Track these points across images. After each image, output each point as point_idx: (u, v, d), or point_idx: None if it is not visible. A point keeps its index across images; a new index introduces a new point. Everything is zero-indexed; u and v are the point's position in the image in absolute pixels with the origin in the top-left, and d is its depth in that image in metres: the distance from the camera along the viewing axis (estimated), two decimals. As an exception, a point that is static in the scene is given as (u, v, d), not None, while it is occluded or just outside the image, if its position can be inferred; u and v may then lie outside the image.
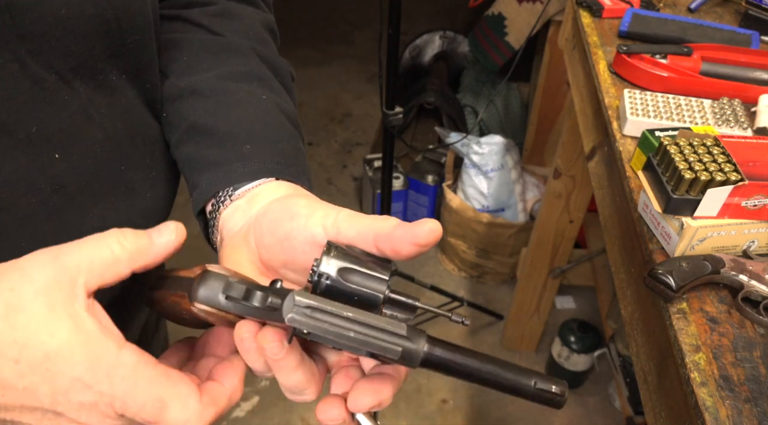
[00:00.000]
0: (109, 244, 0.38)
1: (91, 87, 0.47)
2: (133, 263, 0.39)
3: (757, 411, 0.55)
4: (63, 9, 0.43)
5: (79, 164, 0.47)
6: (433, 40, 2.69)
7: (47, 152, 0.45)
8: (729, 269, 0.65)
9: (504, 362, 0.40)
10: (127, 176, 0.52)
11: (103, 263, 0.37)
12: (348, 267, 0.39)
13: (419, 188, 2.20)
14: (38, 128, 0.44)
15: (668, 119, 0.85)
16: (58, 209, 0.47)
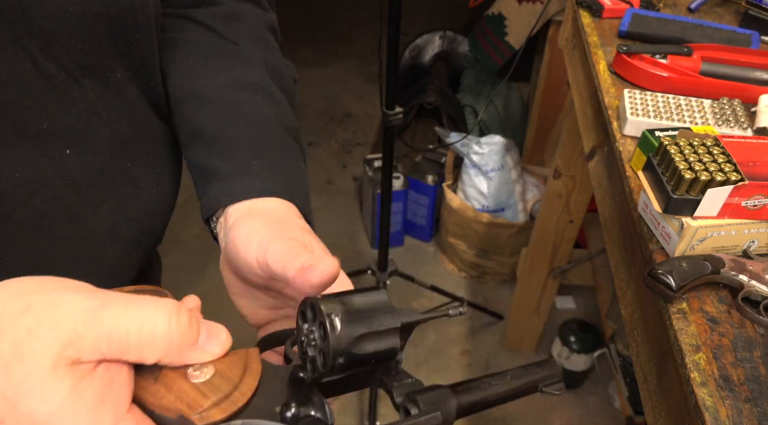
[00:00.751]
0: (157, 321, 0.31)
1: (98, 84, 0.48)
2: (164, 356, 0.32)
3: (757, 411, 0.55)
4: (71, 6, 0.43)
5: (89, 160, 0.48)
6: (433, 40, 2.69)
7: (58, 148, 0.46)
8: (729, 269, 0.65)
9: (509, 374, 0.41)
10: (133, 172, 0.52)
11: (137, 341, 0.31)
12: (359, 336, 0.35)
13: (419, 188, 2.20)
14: (49, 124, 0.45)
15: (668, 119, 0.85)
16: (71, 205, 0.47)
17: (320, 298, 0.36)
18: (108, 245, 0.51)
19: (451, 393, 0.38)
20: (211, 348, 0.34)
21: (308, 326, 0.36)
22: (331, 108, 3.00)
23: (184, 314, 0.33)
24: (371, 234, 2.29)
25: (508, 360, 1.97)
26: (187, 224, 2.29)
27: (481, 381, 0.40)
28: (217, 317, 0.40)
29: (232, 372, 0.34)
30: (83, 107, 0.47)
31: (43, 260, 0.47)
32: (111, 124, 0.49)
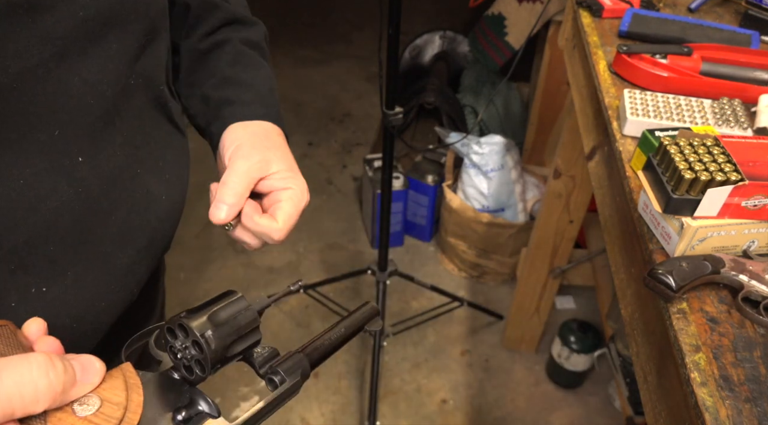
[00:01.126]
0: (36, 379, 0.32)
1: (115, 91, 0.48)
2: (52, 403, 0.33)
3: (757, 411, 0.55)
4: (80, 11, 0.43)
5: (101, 167, 0.48)
6: (433, 40, 2.69)
7: (70, 156, 0.45)
8: (729, 269, 0.65)
9: (341, 325, 0.50)
10: (144, 179, 0.53)
11: (21, 402, 0.32)
12: (230, 343, 0.40)
13: (419, 188, 2.20)
14: (60, 131, 0.44)
15: (668, 119, 0.85)
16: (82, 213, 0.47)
17: (188, 317, 0.40)
18: (119, 253, 0.51)
19: (302, 355, 0.45)
20: (89, 379, 0.36)
21: (181, 342, 0.40)
22: (331, 108, 3.00)
23: (58, 361, 0.34)
24: (371, 234, 2.29)
25: (508, 360, 1.97)
26: (188, 224, 2.30)
27: (321, 337, 0.48)
28: (217, 317, 0.41)
29: (116, 394, 0.36)
30: (98, 114, 0.47)
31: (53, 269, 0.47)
32: (123, 131, 0.49)
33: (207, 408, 0.40)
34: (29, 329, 0.38)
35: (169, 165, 0.56)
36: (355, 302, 2.10)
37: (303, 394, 1.83)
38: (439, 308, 1.98)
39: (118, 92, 0.48)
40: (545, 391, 1.89)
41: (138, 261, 0.54)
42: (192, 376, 0.40)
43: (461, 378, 1.91)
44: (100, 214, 0.49)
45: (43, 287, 0.47)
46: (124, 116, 0.49)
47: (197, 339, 0.39)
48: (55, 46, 0.42)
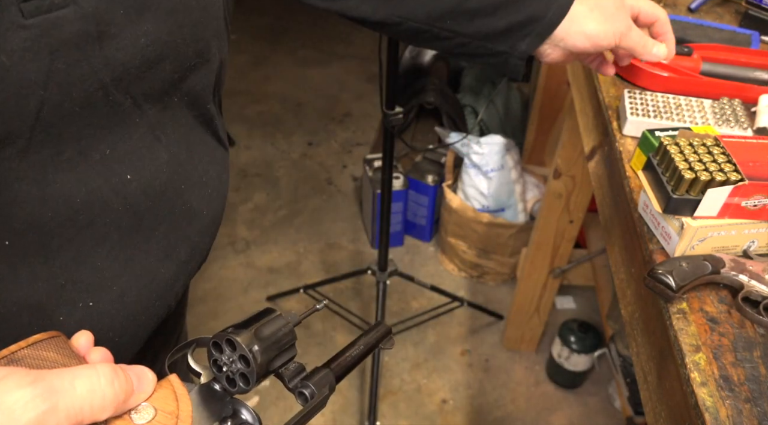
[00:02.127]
0: (104, 388, 0.35)
1: (158, 109, 0.49)
2: (115, 411, 0.36)
3: (757, 411, 0.55)
4: (142, 38, 0.44)
5: (148, 184, 0.49)
6: (433, 40, 2.69)
7: (120, 173, 0.47)
8: (729, 269, 0.65)
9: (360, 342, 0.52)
10: (187, 195, 0.54)
11: (90, 411, 0.34)
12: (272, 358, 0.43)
13: (419, 188, 2.20)
14: (111, 150, 0.46)
15: (668, 119, 0.85)
16: (129, 228, 0.49)
17: (235, 332, 0.42)
18: (161, 267, 0.53)
19: (328, 370, 0.47)
20: (144, 389, 0.38)
21: (228, 356, 0.42)
22: (331, 108, 3.00)
23: (120, 373, 0.36)
24: (371, 234, 2.29)
25: (508, 360, 1.97)
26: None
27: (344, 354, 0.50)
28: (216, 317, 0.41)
29: (168, 404, 0.39)
30: (144, 132, 0.48)
31: (99, 283, 0.49)
32: (169, 148, 0.51)
33: (250, 418, 0.42)
34: (78, 341, 0.40)
35: (211, 180, 0.57)
36: (355, 302, 2.10)
37: (303, 394, 1.83)
38: (439, 308, 1.98)
39: (160, 110, 0.49)
40: (545, 391, 1.89)
41: (178, 275, 0.55)
42: (234, 388, 0.43)
43: (461, 378, 1.91)
44: (145, 230, 0.50)
45: (90, 301, 0.48)
46: (169, 133, 0.50)
47: (245, 354, 0.41)
48: (116, 71, 0.44)
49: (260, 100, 2.99)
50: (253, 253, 2.26)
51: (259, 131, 2.80)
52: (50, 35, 0.39)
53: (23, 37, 0.38)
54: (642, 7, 0.77)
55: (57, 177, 0.43)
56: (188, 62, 0.50)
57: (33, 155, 0.41)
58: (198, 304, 2.02)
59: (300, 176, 2.59)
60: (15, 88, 0.39)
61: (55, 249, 0.45)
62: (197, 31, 0.49)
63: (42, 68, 0.39)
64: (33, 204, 0.43)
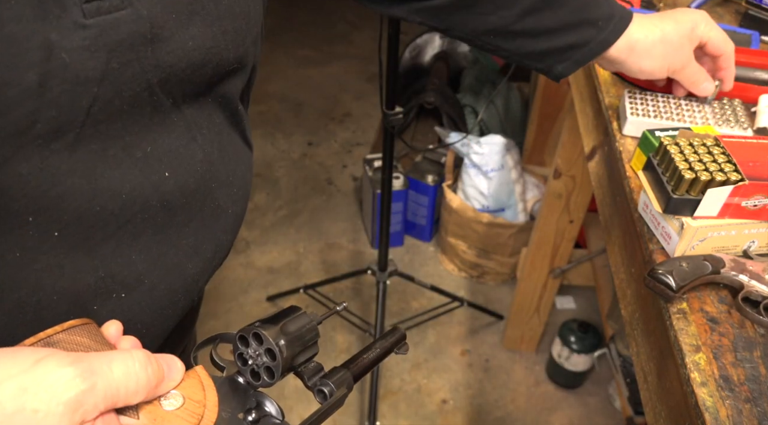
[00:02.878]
0: (138, 373, 0.37)
1: (194, 109, 0.51)
2: (146, 396, 0.38)
3: (757, 411, 0.55)
4: (190, 42, 0.46)
5: (184, 182, 0.51)
6: (433, 40, 2.69)
7: (158, 171, 0.48)
8: (729, 269, 0.65)
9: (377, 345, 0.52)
10: (216, 193, 0.55)
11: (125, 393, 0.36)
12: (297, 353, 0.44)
13: (419, 188, 2.20)
14: (152, 147, 0.47)
15: (668, 119, 0.85)
16: (163, 225, 0.50)
17: (263, 327, 0.43)
18: (189, 263, 0.54)
19: (346, 370, 0.49)
20: (174, 376, 0.41)
21: (254, 350, 0.44)
22: (331, 108, 3.00)
23: (153, 360, 0.39)
24: (371, 234, 2.29)
25: (508, 360, 1.97)
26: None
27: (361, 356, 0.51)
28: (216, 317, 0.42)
29: (196, 392, 0.41)
30: (182, 131, 0.50)
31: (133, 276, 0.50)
32: (204, 147, 0.52)
33: (273, 411, 0.44)
34: (108, 330, 0.42)
35: (237, 180, 0.58)
36: (355, 302, 2.10)
37: (303, 394, 1.83)
38: (439, 308, 1.98)
39: (196, 110, 0.51)
40: (545, 391, 1.89)
41: (203, 271, 0.57)
42: (258, 381, 0.44)
43: (461, 378, 1.91)
44: (177, 226, 0.52)
45: (123, 293, 0.50)
46: (204, 132, 0.52)
47: (272, 347, 0.42)
48: (164, 73, 0.45)
49: (260, 100, 2.99)
50: (253, 253, 2.26)
51: (259, 131, 2.80)
52: (108, 35, 0.41)
53: (83, 36, 0.40)
54: (711, 38, 0.79)
55: (104, 173, 0.45)
56: (228, 67, 0.52)
57: (81, 149, 0.43)
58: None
59: (300, 176, 2.59)
60: (71, 85, 0.40)
61: (98, 242, 0.47)
62: (239, 37, 0.51)
63: (98, 67, 0.41)
64: (83, 198, 0.44)
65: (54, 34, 0.38)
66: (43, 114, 0.40)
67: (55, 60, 0.39)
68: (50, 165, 0.42)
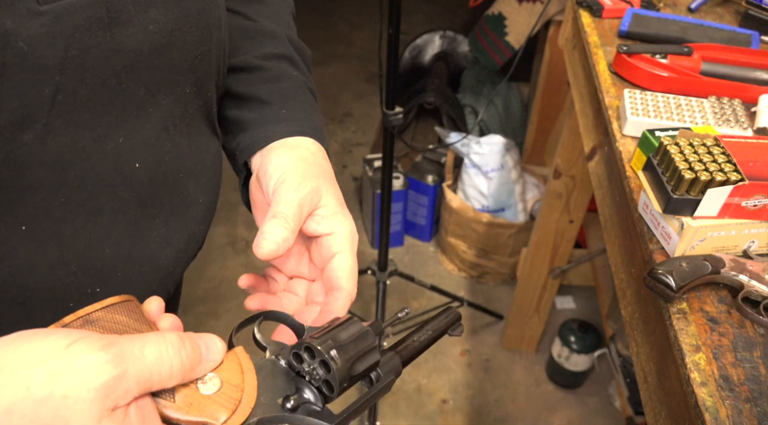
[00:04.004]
0: (171, 357, 0.36)
1: (170, 100, 0.50)
2: (182, 380, 0.37)
3: (757, 411, 0.55)
4: (151, 25, 0.45)
5: (153, 173, 0.50)
6: (433, 40, 2.69)
7: (129, 162, 0.48)
8: (729, 269, 0.65)
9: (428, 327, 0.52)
10: (185, 183, 0.54)
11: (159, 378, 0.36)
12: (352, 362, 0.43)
13: (419, 188, 2.20)
14: (125, 138, 0.47)
15: (668, 118, 0.85)
16: (135, 217, 0.50)
17: (312, 339, 0.42)
18: (161, 254, 0.54)
19: (395, 353, 0.47)
20: (213, 357, 0.39)
21: (308, 364, 0.42)
22: (331, 108, 3.00)
23: (188, 342, 0.37)
24: (371, 234, 2.29)
25: (508, 360, 1.97)
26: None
27: (412, 338, 0.50)
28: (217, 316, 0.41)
29: (234, 376, 0.39)
30: (156, 122, 0.49)
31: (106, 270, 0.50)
32: (174, 138, 0.52)
33: (312, 398, 0.42)
34: (150, 306, 0.42)
35: (206, 169, 0.58)
36: (355, 301, 2.09)
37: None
38: (439, 308, 1.98)
39: (173, 101, 0.50)
40: (545, 391, 1.89)
41: (177, 262, 0.56)
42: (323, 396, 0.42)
43: (461, 378, 1.91)
44: (148, 218, 0.51)
45: (97, 287, 0.49)
46: (176, 123, 0.52)
47: (324, 359, 0.41)
48: (127, 58, 0.45)
49: (260, 100, 2.99)
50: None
51: (259, 131, 2.80)
52: (64, 21, 0.40)
53: (39, 23, 0.39)
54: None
55: (74, 164, 0.44)
56: (194, 51, 0.51)
57: (51, 141, 0.42)
58: (198, 304, 2.02)
59: (300, 176, 2.59)
60: (31, 73, 0.40)
61: (68, 236, 0.46)
62: (201, 19, 0.50)
63: (57, 54, 0.40)
64: (47, 190, 0.44)
65: (9, 21, 0.38)
66: (5, 104, 0.39)
67: (11, 48, 0.38)
68: (19, 156, 0.41)
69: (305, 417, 0.41)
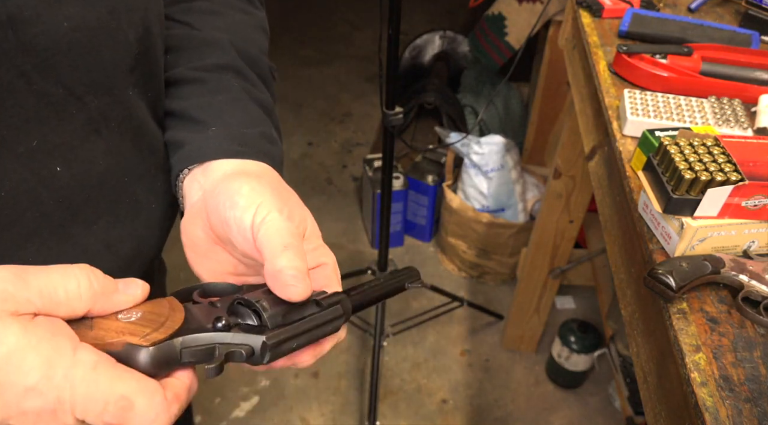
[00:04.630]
0: (78, 276, 0.36)
1: (104, 102, 0.47)
2: (92, 304, 0.37)
3: (757, 411, 0.55)
4: (65, 22, 0.42)
5: (82, 177, 0.47)
6: (433, 40, 2.69)
7: (48, 166, 0.45)
8: (729, 269, 0.65)
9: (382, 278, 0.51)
10: (131, 187, 0.52)
11: (65, 295, 0.35)
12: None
13: (419, 188, 2.20)
14: (39, 141, 0.44)
15: (668, 118, 0.85)
16: (63, 223, 0.47)
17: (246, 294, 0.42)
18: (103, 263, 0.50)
19: (346, 296, 0.46)
20: (132, 291, 0.39)
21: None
22: (331, 108, 3.00)
23: (99, 272, 0.38)
24: (371, 234, 2.29)
25: (508, 359, 1.97)
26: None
27: (364, 287, 0.49)
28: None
29: (159, 311, 0.39)
30: (81, 123, 0.46)
31: None
32: (109, 140, 0.49)
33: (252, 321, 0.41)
34: None
35: (162, 174, 0.55)
36: (355, 302, 2.10)
37: (303, 394, 1.83)
38: (439, 308, 1.98)
39: (107, 102, 0.47)
40: (545, 391, 1.89)
41: (123, 270, 0.52)
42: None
43: (461, 378, 1.91)
44: (82, 223, 0.48)
45: None
46: (112, 125, 0.49)
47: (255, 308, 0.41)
48: (39, 57, 0.42)
49: (260, 100, 2.99)
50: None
51: (259, 131, 2.80)
52: None
53: None
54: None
55: None
56: (133, 50, 0.48)
57: None
58: None
59: (300, 176, 2.59)
60: None
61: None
62: (135, 16, 0.48)
63: None
64: None
65: None
66: None
67: None
68: None
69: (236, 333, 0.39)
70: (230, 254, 0.48)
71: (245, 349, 0.39)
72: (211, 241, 0.48)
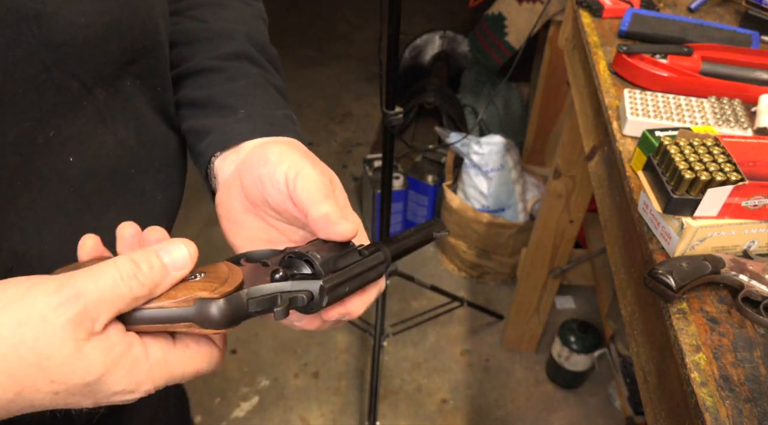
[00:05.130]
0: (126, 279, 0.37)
1: (108, 93, 0.49)
2: (152, 294, 0.39)
3: (757, 411, 0.55)
4: (82, 18, 0.44)
5: (93, 167, 0.49)
6: (433, 40, 2.69)
7: (62, 156, 0.47)
8: (729, 269, 0.65)
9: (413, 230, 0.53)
10: (138, 179, 0.53)
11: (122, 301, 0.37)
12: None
13: (419, 188, 2.20)
14: (55, 132, 0.46)
15: (668, 119, 0.85)
16: (76, 211, 0.49)
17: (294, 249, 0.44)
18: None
19: (384, 244, 0.49)
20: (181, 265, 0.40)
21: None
22: (331, 108, 3.00)
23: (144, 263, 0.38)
24: (371, 234, 2.29)
25: (508, 360, 1.97)
26: (188, 224, 2.29)
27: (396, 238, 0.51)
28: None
29: (219, 270, 0.41)
30: (91, 115, 0.48)
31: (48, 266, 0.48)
32: (117, 132, 0.50)
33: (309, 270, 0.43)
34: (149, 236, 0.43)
35: (165, 166, 0.56)
36: (355, 302, 2.10)
37: (303, 394, 1.83)
38: (439, 308, 1.98)
39: (111, 94, 0.49)
40: (545, 391, 1.89)
41: None
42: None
43: (461, 378, 1.91)
44: (94, 213, 0.50)
45: None
46: (117, 117, 0.50)
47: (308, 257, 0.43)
48: (59, 52, 0.43)
49: (260, 100, 2.99)
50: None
51: (259, 131, 2.80)
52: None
53: None
54: None
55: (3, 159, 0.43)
56: (137, 44, 0.49)
57: None
58: None
59: (300, 176, 2.59)
60: None
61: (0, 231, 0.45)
62: (142, 11, 0.49)
63: None
64: None
65: None
66: None
67: None
68: None
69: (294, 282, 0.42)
70: (263, 220, 0.50)
71: (305, 294, 0.42)
72: (245, 209, 0.50)
